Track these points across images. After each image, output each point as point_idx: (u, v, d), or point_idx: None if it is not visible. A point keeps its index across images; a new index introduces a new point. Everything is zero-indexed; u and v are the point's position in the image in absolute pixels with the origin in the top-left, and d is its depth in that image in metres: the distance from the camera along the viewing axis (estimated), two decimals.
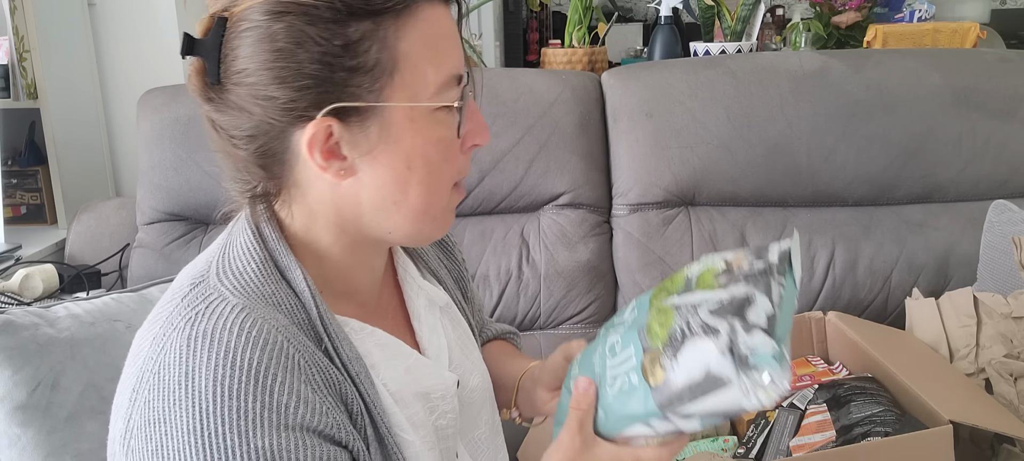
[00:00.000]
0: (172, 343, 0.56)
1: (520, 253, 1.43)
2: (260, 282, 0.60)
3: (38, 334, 0.93)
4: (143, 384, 0.56)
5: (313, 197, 0.62)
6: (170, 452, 0.53)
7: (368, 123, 0.58)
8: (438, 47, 0.60)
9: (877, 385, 0.99)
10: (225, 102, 0.58)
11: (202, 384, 0.53)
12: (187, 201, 1.47)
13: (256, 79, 0.56)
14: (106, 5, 1.83)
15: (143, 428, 0.55)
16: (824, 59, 1.46)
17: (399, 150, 0.60)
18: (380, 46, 0.57)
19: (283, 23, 0.55)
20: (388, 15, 0.57)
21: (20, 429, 0.89)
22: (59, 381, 0.92)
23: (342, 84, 0.57)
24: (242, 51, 0.56)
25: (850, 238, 1.41)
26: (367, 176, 0.60)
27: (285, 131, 0.58)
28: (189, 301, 0.59)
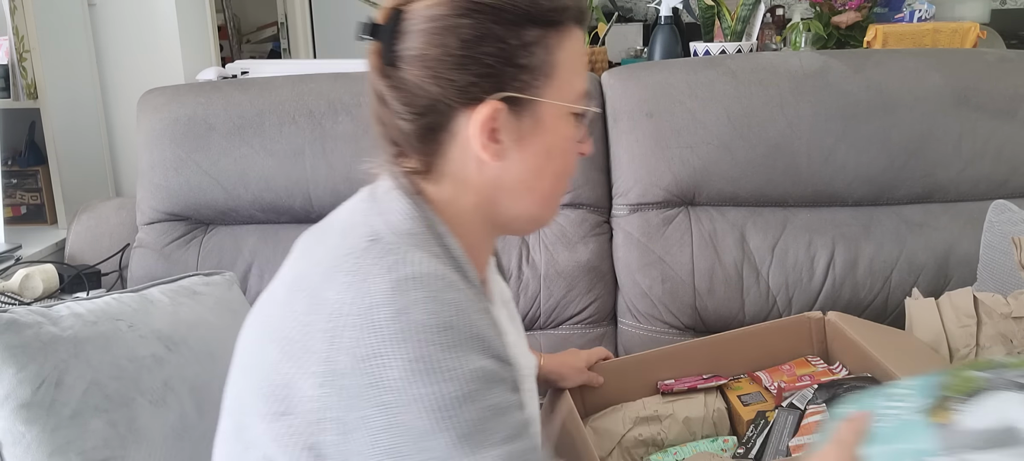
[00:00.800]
0: (375, 287, 0.62)
1: (520, 253, 1.43)
2: (427, 242, 0.68)
3: (41, 332, 0.93)
4: (347, 325, 0.61)
5: (460, 175, 0.71)
6: (392, 380, 0.59)
7: (524, 114, 0.69)
8: (580, 62, 0.73)
9: (876, 385, 0.99)
10: (400, 80, 0.68)
11: (418, 318, 0.60)
12: (187, 201, 1.47)
13: (437, 62, 0.66)
14: (106, 5, 1.83)
15: (357, 364, 0.60)
16: (824, 59, 1.46)
17: (543, 142, 0.71)
18: (545, 51, 0.69)
19: (471, 19, 0.66)
20: (553, 27, 0.69)
21: (24, 427, 0.89)
22: (63, 379, 0.92)
23: (512, 77, 0.68)
24: (423, 38, 0.67)
25: (850, 238, 1.41)
26: (513, 161, 0.70)
27: (453, 110, 0.68)
28: (377, 254, 0.65)
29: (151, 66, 1.86)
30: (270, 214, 1.48)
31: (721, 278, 1.39)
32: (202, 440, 1.02)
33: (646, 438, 1.09)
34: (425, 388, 0.58)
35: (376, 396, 0.59)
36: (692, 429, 1.09)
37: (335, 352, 0.61)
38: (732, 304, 1.39)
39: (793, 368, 1.14)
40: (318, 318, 0.63)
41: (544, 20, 0.68)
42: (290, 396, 0.63)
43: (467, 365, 0.60)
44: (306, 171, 1.44)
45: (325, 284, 0.65)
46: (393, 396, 0.59)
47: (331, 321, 0.62)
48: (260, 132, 1.45)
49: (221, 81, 1.59)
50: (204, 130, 1.45)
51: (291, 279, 0.70)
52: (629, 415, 1.12)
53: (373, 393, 0.59)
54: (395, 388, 0.59)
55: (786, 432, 0.97)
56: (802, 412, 0.99)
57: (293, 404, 0.63)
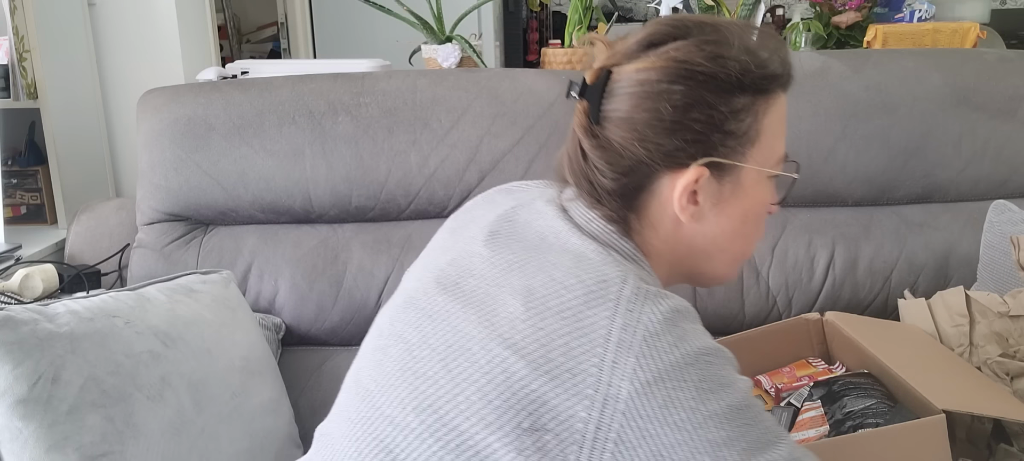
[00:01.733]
0: (650, 318, 0.64)
1: None
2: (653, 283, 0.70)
3: (38, 329, 0.93)
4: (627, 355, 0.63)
5: (654, 230, 0.73)
6: (683, 401, 0.62)
7: (725, 179, 0.71)
8: (783, 126, 0.75)
9: (871, 380, 0.99)
10: (606, 140, 0.70)
11: (694, 345, 0.63)
12: (187, 201, 1.47)
13: (645, 127, 0.68)
14: (106, 5, 1.83)
15: (643, 389, 0.62)
16: (824, 59, 1.46)
17: (741, 206, 0.73)
18: (753, 118, 0.70)
19: (684, 86, 0.67)
20: (762, 94, 0.71)
21: (21, 423, 0.90)
22: (60, 375, 0.92)
23: (719, 143, 0.69)
24: (631, 102, 0.69)
25: (850, 238, 1.40)
26: (710, 223, 0.73)
27: (657, 172, 0.70)
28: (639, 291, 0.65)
29: (151, 66, 1.86)
30: (270, 214, 1.48)
31: None
32: (199, 435, 1.02)
33: None
34: (717, 403, 0.62)
35: (669, 416, 0.62)
36: None
37: (616, 378, 0.63)
38: (732, 304, 1.39)
39: (793, 370, 1.14)
40: (585, 342, 0.64)
41: (755, 88, 0.70)
42: (544, 413, 0.64)
43: (735, 380, 0.64)
44: (306, 171, 1.44)
45: (585, 310, 0.65)
46: (688, 414, 0.62)
47: (607, 350, 0.64)
48: (260, 132, 1.45)
49: (221, 81, 1.59)
50: (204, 130, 1.45)
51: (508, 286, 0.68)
52: None
53: (666, 413, 0.62)
54: (689, 406, 0.62)
55: None
56: (797, 409, 0.99)
57: (547, 422, 0.64)
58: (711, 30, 0.70)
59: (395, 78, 1.47)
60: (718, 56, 0.68)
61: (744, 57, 0.69)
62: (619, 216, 0.73)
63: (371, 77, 1.49)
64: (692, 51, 0.68)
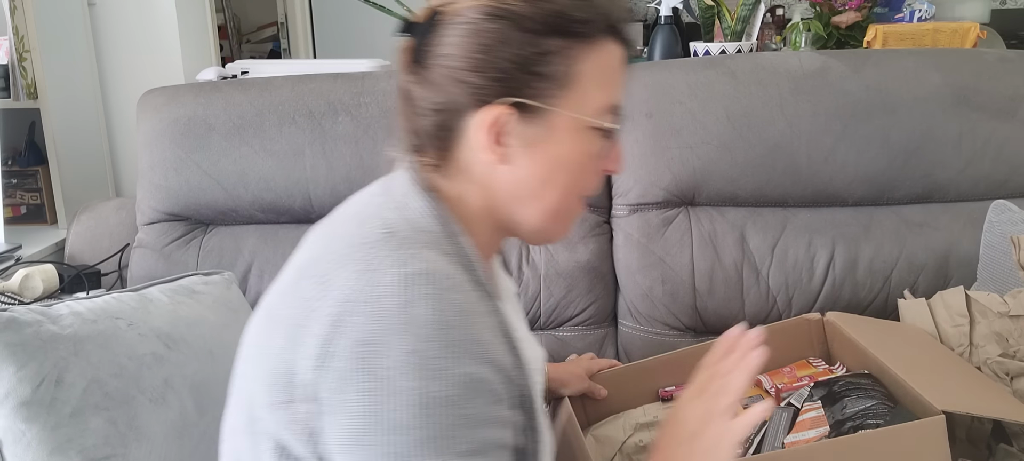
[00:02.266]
0: (386, 278, 0.62)
1: (520, 253, 1.43)
2: (441, 240, 0.69)
3: (41, 331, 0.93)
4: (352, 311, 0.62)
5: (468, 174, 0.72)
6: (383, 369, 0.60)
7: (535, 122, 0.70)
8: (607, 77, 0.72)
9: (872, 380, 0.99)
10: (425, 78, 0.70)
11: (421, 313, 0.60)
12: (187, 201, 1.47)
13: (458, 64, 0.68)
14: (106, 5, 1.83)
15: (352, 348, 0.61)
16: (824, 59, 1.46)
17: (552, 152, 0.71)
18: (565, 63, 0.69)
19: (495, 24, 0.67)
20: (579, 40, 0.69)
21: (24, 425, 0.90)
22: (63, 377, 0.92)
23: (525, 84, 0.68)
24: (451, 39, 0.68)
25: (850, 238, 1.41)
26: (519, 167, 0.71)
27: (466, 111, 0.69)
28: (391, 247, 0.66)
29: (151, 66, 1.86)
30: (270, 214, 1.48)
31: (721, 278, 1.39)
32: (202, 438, 1.02)
33: (647, 444, 1.09)
34: (412, 382, 0.59)
35: (362, 381, 0.60)
36: None
37: (336, 336, 0.62)
38: (732, 305, 1.39)
39: (794, 370, 1.14)
40: (324, 303, 0.64)
41: (570, 32, 0.69)
42: (292, 382, 0.64)
43: (458, 368, 0.60)
44: (306, 171, 1.44)
45: (335, 270, 0.66)
46: (379, 384, 0.59)
47: (337, 306, 0.63)
48: (260, 132, 1.45)
49: (221, 81, 1.59)
50: (204, 130, 1.45)
51: (300, 266, 0.71)
52: (630, 422, 1.12)
53: (360, 377, 0.60)
54: (384, 376, 0.59)
55: (781, 429, 0.97)
56: (797, 410, 0.99)
57: (295, 390, 0.64)
58: None
59: (395, 78, 1.47)
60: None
61: (565, 1, 0.68)
62: (438, 159, 0.73)
63: (371, 77, 1.49)
64: None
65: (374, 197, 0.75)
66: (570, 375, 1.16)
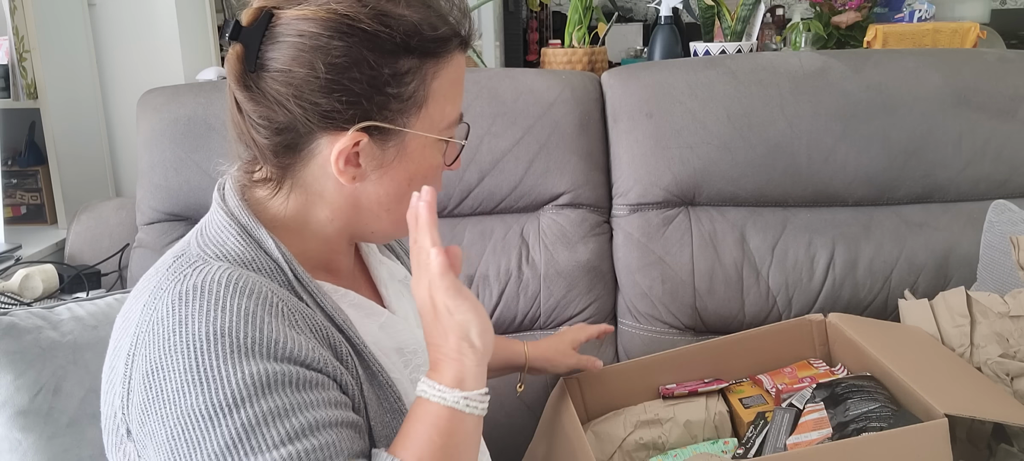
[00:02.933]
0: (163, 302, 0.61)
1: (520, 253, 1.43)
2: (239, 249, 0.67)
3: (41, 338, 0.92)
4: (139, 343, 0.61)
5: (315, 189, 0.69)
6: (169, 392, 0.58)
7: (389, 142, 0.67)
8: (457, 89, 0.70)
9: (875, 383, 0.99)
10: (261, 92, 0.65)
11: (195, 328, 0.59)
12: (187, 201, 1.47)
13: (302, 83, 0.63)
14: (106, 5, 1.83)
15: (142, 380, 0.60)
16: (824, 59, 1.46)
17: (406, 169, 0.69)
18: (419, 82, 0.66)
19: (344, 42, 0.62)
20: (432, 57, 0.66)
21: (21, 434, 0.88)
22: (61, 386, 0.91)
23: (380, 106, 0.65)
24: (290, 53, 0.63)
25: (850, 238, 1.41)
26: (372, 185, 0.68)
27: (314, 133, 0.65)
28: (174, 269, 0.64)
29: (151, 66, 1.86)
30: None
31: (721, 278, 1.39)
32: None
33: (647, 442, 1.09)
34: (196, 398, 0.57)
35: (157, 410, 0.58)
36: (693, 432, 1.09)
37: (131, 370, 0.61)
38: (732, 304, 1.39)
39: (795, 371, 1.14)
40: (124, 339, 0.64)
41: (424, 50, 0.65)
42: (116, 424, 0.64)
43: (241, 369, 0.58)
44: None
45: (132, 305, 0.66)
46: (170, 408, 0.58)
47: (130, 341, 0.62)
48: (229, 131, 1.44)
49: (221, 81, 1.59)
50: (204, 130, 1.45)
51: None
52: (630, 419, 1.12)
53: (155, 407, 0.59)
54: (171, 400, 0.58)
55: (783, 430, 0.97)
56: (799, 411, 0.99)
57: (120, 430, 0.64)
58: None
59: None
60: (383, 13, 0.63)
61: (414, 16, 0.64)
62: (276, 175, 0.69)
63: None
64: (354, 5, 0.62)
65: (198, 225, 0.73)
66: (555, 351, 1.13)
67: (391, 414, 0.69)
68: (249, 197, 0.71)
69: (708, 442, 1.09)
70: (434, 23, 0.65)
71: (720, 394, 1.15)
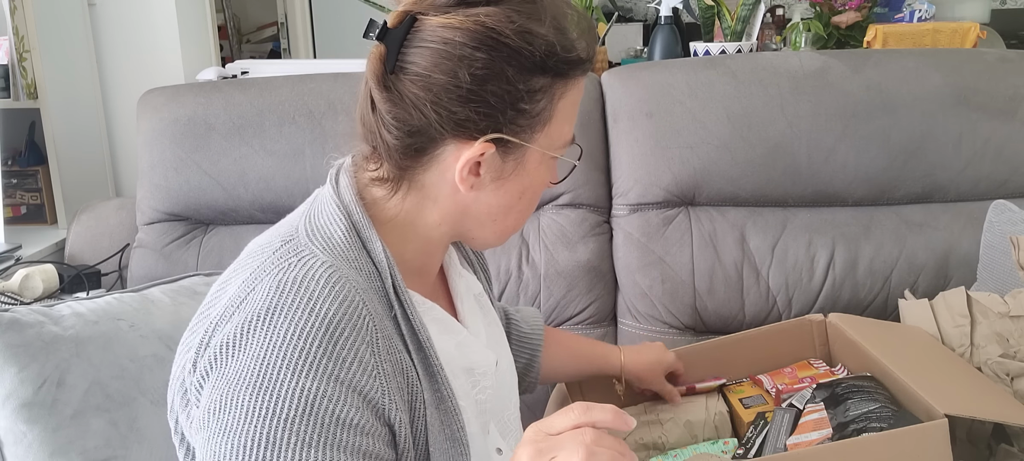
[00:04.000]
0: (263, 285, 0.62)
1: (520, 253, 1.43)
2: (345, 246, 0.68)
3: (43, 332, 0.93)
4: (226, 317, 0.63)
5: (431, 193, 0.71)
6: (230, 374, 0.60)
7: (510, 156, 0.69)
8: (575, 110, 0.72)
9: (875, 383, 0.99)
10: (398, 93, 0.66)
11: (280, 322, 0.60)
12: (187, 201, 1.47)
13: (441, 89, 0.64)
14: (106, 5, 1.83)
15: (217, 350, 0.61)
16: (824, 59, 1.46)
17: (520, 183, 0.71)
18: (548, 100, 0.68)
19: (487, 55, 0.64)
20: (561, 78, 0.68)
21: (25, 426, 0.89)
22: (65, 379, 0.92)
23: (511, 120, 0.66)
24: (433, 59, 0.64)
25: (850, 238, 1.41)
26: (487, 195, 0.70)
27: (444, 138, 0.67)
28: (281, 254, 0.65)
29: (151, 66, 1.86)
30: (270, 214, 1.48)
31: (721, 278, 1.39)
32: None
33: (647, 441, 1.09)
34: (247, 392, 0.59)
35: (215, 379, 0.60)
36: (693, 432, 1.09)
37: (212, 336, 0.63)
38: (732, 304, 1.39)
39: (795, 371, 1.14)
40: (214, 308, 0.65)
41: (557, 71, 0.67)
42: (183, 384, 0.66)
43: (297, 385, 0.58)
44: (306, 171, 1.44)
45: (231, 277, 0.67)
46: (225, 385, 0.60)
47: (221, 310, 0.64)
48: (260, 132, 1.45)
49: (221, 81, 1.59)
50: (204, 130, 1.45)
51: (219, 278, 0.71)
52: None
53: (213, 376, 0.61)
54: (229, 379, 0.60)
55: (783, 430, 0.97)
56: (799, 411, 0.99)
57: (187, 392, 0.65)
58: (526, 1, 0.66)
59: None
60: (527, 31, 0.64)
61: (553, 37, 0.66)
62: (394, 175, 0.70)
63: None
64: (502, 20, 0.64)
65: (307, 203, 0.74)
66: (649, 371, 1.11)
67: (451, 441, 0.69)
68: (364, 193, 0.72)
69: (708, 442, 1.08)
70: (568, 46, 0.67)
71: (720, 394, 1.15)
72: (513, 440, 0.84)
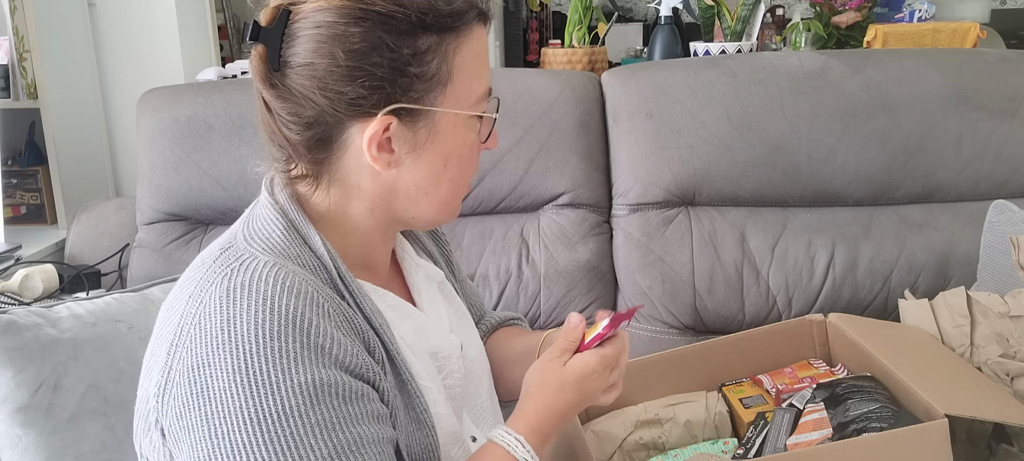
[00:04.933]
0: (210, 297, 0.61)
1: (520, 253, 1.43)
2: (285, 244, 0.67)
3: (41, 335, 0.93)
4: (182, 336, 0.61)
5: (352, 181, 0.69)
6: (214, 392, 0.58)
7: (419, 124, 0.66)
8: (481, 63, 0.69)
9: (875, 383, 0.99)
10: (287, 89, 0.65)
11: (243, 328, 0.58)
12: (187, 201, 1.47)
13: (325, 74, 0.63)
14: (106, 5, 1.83)
15: (185, 374, 0.59)
16: (824, 59, 1.46)
17: (440, 149, 0.68)
18: (441, 59, 0.65)
19: (360, 27, 0.62)
20: (451, 32, 0.65)
21: (21, 430, 0.89)
22: (61, 382, 0.91)
23: (405, 88, 0.64)
24: (310, 45, 0.63)
25: (850, 238, 1.41)
26: (408, 169, 0.68)
27: (343, 122, 0.65)
28: (221, 262, 0.64)
29: (151, 66, 1.86)
30: None
31: (721, 278, 1.39)
32: None
33: (647, 441, 1.09)
34: (244, 402, 0.57)
35: (201, 407, 0.58)
36: (693, 432, 1.09)
37: (173, 361, 0.61)
38: (732, 304, 1.39)
39: (795, 371, 1.14)
40: (167, 329, 0.64)
41: (441, 26, 0.64)
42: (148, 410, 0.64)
43: (292, 378, 0.58)
44: None
45: (178, 295, 0.66)
46: (215, 407, 0.58)
47: (173, 331, 0.62)
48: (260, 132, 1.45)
49: (221, 81, 1.59)
50: (204, 130, 1.45)
51: None
52: (630, 418, 1.11)
53: (198, 403, 0.58)
54: (217, 399, 0.58)
55: (784, 430, 0.97)
56: (800, 411, 0.99)
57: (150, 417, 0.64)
58: None
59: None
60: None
61: None
62: (312, 171, 0.68)
63: None
64: None
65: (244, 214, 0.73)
66: None
67: (416, 424, 0.69)
68: (296, 194, 0.71)
69: (708, 442, 1.08)
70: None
71: (720, 394, 1.14)
72: (487, 427, 0.82)
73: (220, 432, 0.57)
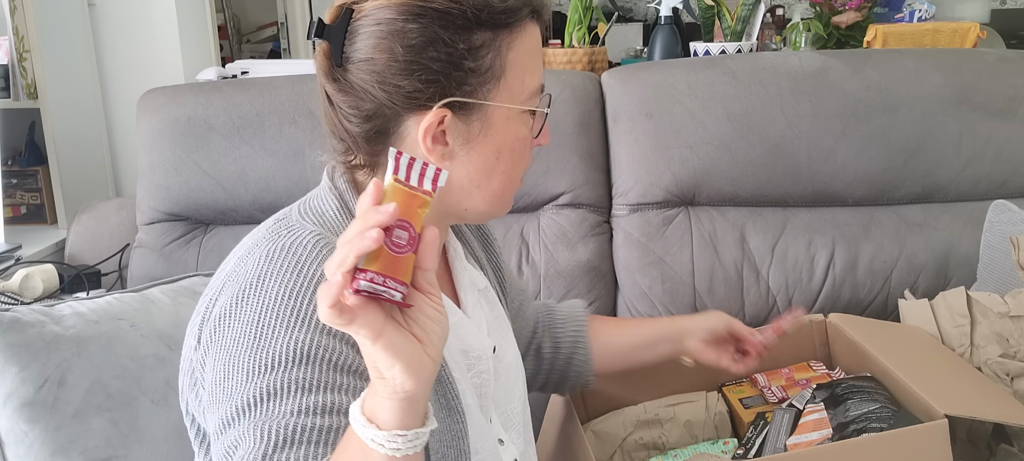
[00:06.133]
0: (254, 256, 0.66)
1: (520, 253, 1.43)
2: (337, 222, 0.71)
3: (44, 331, 0.93)
4: (224, 288, 0.66)
5: None
6: (228, 340, 0.63)
7: (473, 117, 0.69)
8: (534, 59, 0.72)
9: (875, 383, 0.99)
10: (348, 84, 0.68)
11: (270, 284, 0.63)
12: (187, 201, 1.47)
13: (384, 68, 0.66)
14: (106, 5, 1.83)
15: (216, 320, 0.65)
16: (824, 59, 1.46)
17: (492, 143, 0.70)
18: (495, 54, 0.68)
19: (418, 24, 0.65)
20: (504, 28, 0.68)
21: (27, 425, 0.90)
22: (66, 378, 0.92)
23: (460, 82, 0.67)
24: (370, 41, 0.66)
25: (850, 238, 1.41)
26: (461, 162, 0.70)
27: (400, 115, 0.68)
28: (273, 230, 0.69)
29: (151, 66, 1.86)
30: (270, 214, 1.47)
31: (721, 278, 1.39)
32: None
33: (647, 442, 1.09)
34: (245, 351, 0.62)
35: (216, 351, 0.64)
36: (693, 432, 1.09)
37: (213, 307, 0.66)
38: (732, 304, 1.39)
39: (793, 372, 1.14)
40: (216, 282, 0.69)
41: (495, 22, 0.67)
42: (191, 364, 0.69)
43: (290, 336, 0.61)
44: (306, 171, 1.44)
45: (229, 259, 0.71)
46: (223, 352, 0.63)
47: (220, 284, 0.67)
48: (260, 132, 1.45)
49: (221, 81, 1.59)
50: (204, 130, 1.45)
51: None
52: (630, 419, 1.12)
53: (215, 347, 0.64)
54: (227, 347, 0.63)
55: (783, 430, 0.97)
56: (799, 411, 0.99)
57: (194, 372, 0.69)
58: None
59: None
60: None
61: None
62: (370, 162, 0.72)
63: None
64: None
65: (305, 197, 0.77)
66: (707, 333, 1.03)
67: (446, 410, 0.70)
68: (353, 180, 0.74)
69: (708, 442, 1.09)
70: None
71: (720, 394, 1.15)
72: (516, 434, 0.84)
73: (222, 375, 0.62)
